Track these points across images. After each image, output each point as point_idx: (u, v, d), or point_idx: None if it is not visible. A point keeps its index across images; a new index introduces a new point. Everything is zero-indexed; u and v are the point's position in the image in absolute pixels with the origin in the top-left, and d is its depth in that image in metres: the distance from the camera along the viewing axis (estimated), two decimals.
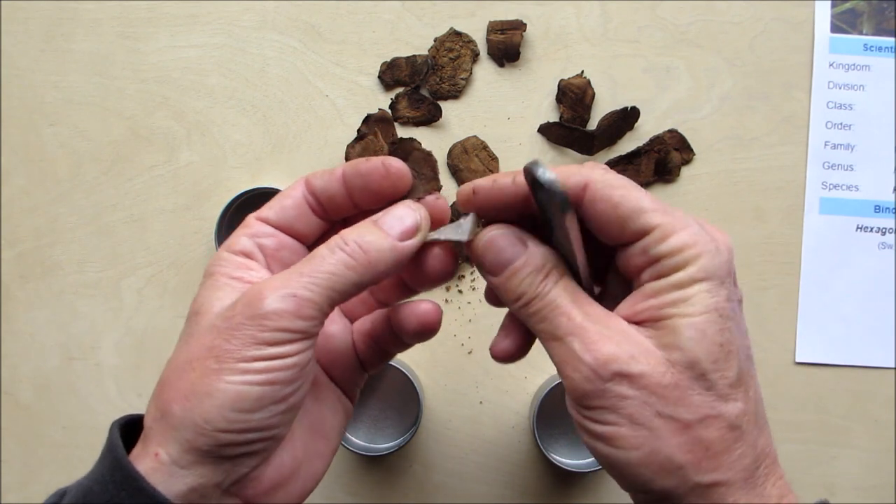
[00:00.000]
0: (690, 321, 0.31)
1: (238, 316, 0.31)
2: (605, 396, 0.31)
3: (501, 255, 0.34)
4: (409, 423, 0.59)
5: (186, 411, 0.30)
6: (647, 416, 0.31)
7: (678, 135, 0.60)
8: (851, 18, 0.61)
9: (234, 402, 0.30)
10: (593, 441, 0.32)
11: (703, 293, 0.31)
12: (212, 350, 0.31)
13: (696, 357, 0.31)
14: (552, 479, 0.61)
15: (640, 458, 0.31)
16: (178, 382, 0.31)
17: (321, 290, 0.31)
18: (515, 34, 0.60)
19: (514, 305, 0.34)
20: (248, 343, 0.30)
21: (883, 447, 0.60)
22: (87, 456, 0.62)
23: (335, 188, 0.35)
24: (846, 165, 0.61)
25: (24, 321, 0.62)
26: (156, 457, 0.30)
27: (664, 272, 0.31)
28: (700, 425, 0.31)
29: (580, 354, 0.31)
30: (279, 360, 0.31)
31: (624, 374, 0.31)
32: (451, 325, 0.61)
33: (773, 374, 0.61)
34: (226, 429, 0.30)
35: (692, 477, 0.30)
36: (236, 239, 0.35)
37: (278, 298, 0.31)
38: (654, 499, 0.32)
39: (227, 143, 0.62)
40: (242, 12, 0.61)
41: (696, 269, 0.31)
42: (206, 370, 0.30)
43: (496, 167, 0.61)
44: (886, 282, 0.61)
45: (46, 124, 0.62)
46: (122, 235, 0.62)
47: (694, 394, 0.31)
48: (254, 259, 0.34)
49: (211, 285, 0.34)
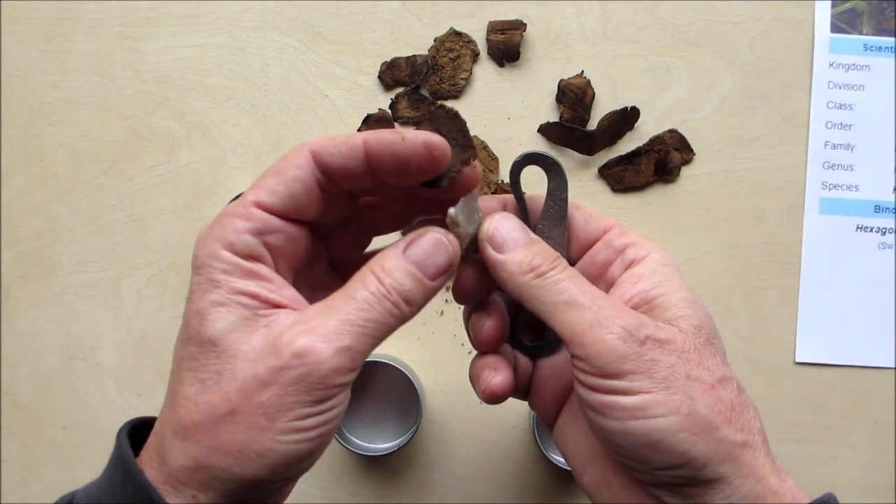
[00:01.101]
0: (681, 295, 0.33)
1: (291, 371, 0.29)
2: (640, 359, 0.30)
3: (513, 233, 0.34)
4: (409, 423, 0.59)
5: (233, 467, 0.29)
6: (680, 379, 0.31)
7: (678, 135, 0.60)
8: (851, 18, 0.61)
9: (287, 460, 0.29)
10: (624, 420, 0.30)
11: (675, 274, 0.35)
12: (260, 406, 0.29)
13: (699, 322, 0.33)
14: (552, 479, 0.61)
15: (681, 423, 0.30)
16: (220, 434, 0.29)
17: (370, 341, 0.31)
18: (515, 34, 0.60)
19: (526, 277, 0.33)
20: (304, 402, 0.29)
21: (883, 447, 0.60)
22: (87, 456, 0.62)
23: (356, 165, 0.31)
24: (846, 165, 0.61)
25: (24, 321, 0.62)
26: (193, 498, 0.29)
27: (632, 259, 0.35)
28: (720, 385, 0.32)
29: (612, 317, 0.31)
30: (329, 413, 0.30)
31: (654, 339, 0.31)
32: (451, 325, 0.61)
33: (773, 374, 0.61)
34: (273, 480, 0.30)
35: (728, 436, 0.30)
36: (239, 236, 0.31)
37: (333, 354, 0.29)
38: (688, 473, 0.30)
39: (227, 143, 0.62)
40: (242, 12, 0.61)
41: (659, 255, 0.35)
42: (255, 426, 0.29)
43: (496, 167, 0.61)
44: (886, 282, 0.61)
45: (46, 124, 0.62)
46: (121, 235, 0.62)
47: (708, 357, 0.32)
48: (262, 261, 0.31)
49: (218, 302, 0.30)
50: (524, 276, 0.33)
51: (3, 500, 0.62)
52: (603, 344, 0.31)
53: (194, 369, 0.30)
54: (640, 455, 0.31)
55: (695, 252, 0.61)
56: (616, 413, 0.31)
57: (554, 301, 0.32)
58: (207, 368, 0.30)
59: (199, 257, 0.31)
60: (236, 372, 0.29)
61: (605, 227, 0.37)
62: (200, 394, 0.30)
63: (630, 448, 0.31)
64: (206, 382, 0.30)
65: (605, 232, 0.36)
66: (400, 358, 0.60)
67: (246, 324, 0.30)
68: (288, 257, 0.33)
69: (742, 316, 0.61)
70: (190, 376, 0.30)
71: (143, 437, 0.32)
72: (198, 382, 0.30)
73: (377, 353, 0.58)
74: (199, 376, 0.30)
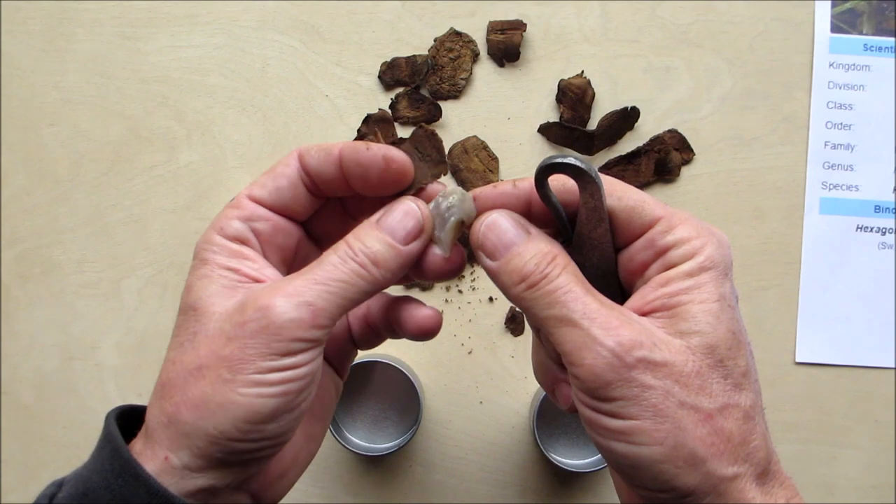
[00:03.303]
0: (705, 307, 0.31)
1: (251, 324, 0.30)
2: (628, 385, 0.29)
3: (504, 237, 0.33)
4: (409, 423, 0.59)
5: (199, 420, 0.30)
6: (672, 407, 0.29)
7: (678, 135, 0.60)
8: (851, 18, 0.61)
9: (249, 415, 0.30)
10: (608, 439, 0.30)
11: (712, 282, 0.31)
12: (224, 359, 0.30)
13: (714, 342, 0.30)
14: (552, 479, 0.61)
15: (664, 454, 0.29)
16: (188, 388, 0.30)
17: (334, 300, 0.31)
18: (515, 34, 0.60)
19: (517, 288, 0.32)
20: (263, 354, 0.30)
21: (883, 447, 0.60)
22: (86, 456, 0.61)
23: (331, 171, 0.34)
24: (846, 165, 0.61)
25: (24, 321, 0.62)
26: (165, 460, 0.30)
27: (673, 262, 0.32)
28: (720, 415, 0.30)
29: (601, 339, 0.29)
30: (293, 371, 0.30)
31: (648, 361, 0.29)
32: (451, 325, 0.61)
33: (773, 374, 0.61)
34: (239, 439, 0.30)
35: (715, 470, 0.29)
36: (228, 221, 0.33)
37: (293, 307, 0.30)
38: (672, 498, 0.30)
39: (227, 143, 0.62)
40: (242, 12, 0.61)
41: (703, 258, 0.31)
42: (219, 379, 0.30)
43: (496, 167, 0.61)
44: (886, 282, 0.61)
45: (46, 124, 0.62)
46: (122, 235, 0.62)
47: (713, 382, 0.30)
48: (248, 245, 0.33)
49: (204, 275, 0.32)
50: (516, 287, 0.32)
51: (3, 500, 0.62)
52: (588, 368, 0.29)
53: (177, 334, 0.32)
54: (625, 472, 0.31)
55: None
56: (601, 431, 0.30)
57: (545, 315, 0.31)
58: (186, 331, 0.32)
59: (197, 244, 0.34)
60: (209, 331, 0.31)
61: (652, 219, 0.32)
62: (178, 355, 0.32)
63: (615, 464, 0.31)
64: (185, 344, 0.32)
65: (651, 226, 0.32)
66: (400, 358, 0.60)
67: (225, 291, 0.32)
68: (277, 247, 0.34)
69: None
70: (173, 342, 0.32)
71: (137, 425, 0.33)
72: (178, 346, 0.32)
73: (377, 353, 0.58)
74: (179, 340, 0.32)
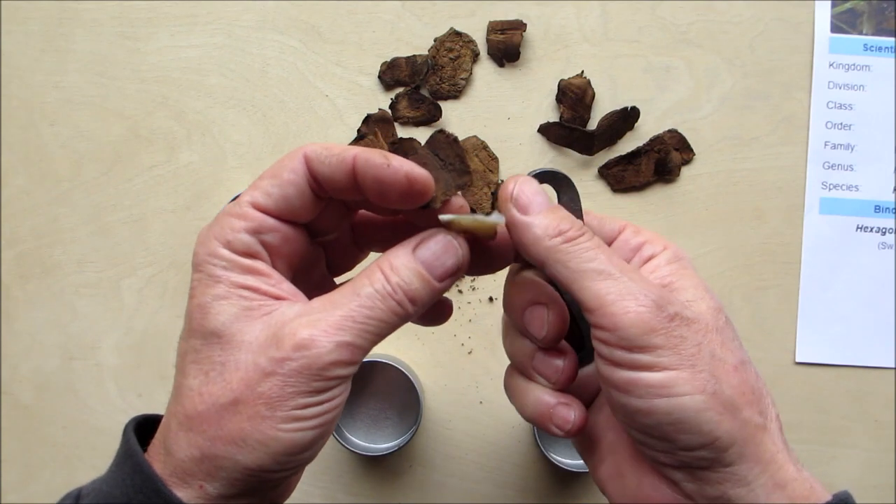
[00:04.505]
0: (695, 282, 0.34)
1: (291, 363, 0.29)
2: (669, 334, 0.30)
3: (537, 197, 0.33)
4: (409, 423, 0.59)
5: (236, 455, 0.30)
6: (706, 357, 0.30)
7: (678, 135, 0.60)
8: (851, 18, 0.61)
9: (288, 448, 0.30)
10: (649, 398, 0.30)
11: (690, 268, 0.35)
12: (261, 395, 0.29)
13: (717, 305, 0.33)
14: (552, 479, 0.61)
15: (707, 402, 0.30)
16: (223, 424, 0.30)
17: (371, 338, 0.31)
18: (515, 34, 0.60)
19: (554, 241, 0.32)
20: (303, 392, 0.30)
21: (883, 447, 0.60)
22: (87, 456, 0.62)
23: (343, 179, 0.32)
24: (846, 165, 0.61)
25: (24, 321, 0.62)
26: (200, 488, 0.30)
27: (650, 256, 0.35)
28: (742, 368, 0.31)
29: (643, 289, 0.30)
30: (329, 403, 0.30)
31: (682, 316, 0.31)
32: (451, 325, 0.61)
33: (773, 374, 0.61)
34: (277, 470, 0.30)
35: (751, 418, 0.30)
36: (236, 235, 0.31)
37: (334, 347, 0.30)
38: (711, 454, 0.30)
39: (227, 143, 0.62)
40: (242, 12, 0.61)
41: (672, 252, 0.35)
42: (257, 416, 0.29)
43: (496, 167, 0.61)
44: (886, 282, 0.61)
45: (46, 124, 0.62)
46: (122, 235, 0.62)
47: (730, 339, 0.32)
48: (260, 258, 0.32)
49: (220, 296, 0.31)
50: (551, 239, 0.32)
51: (3, 500, 0.62)
52: (633, 315, 0.30)
53: (198, 361, 0.31)
54: (664, 434, 0.30)
55: (695, 252, 0.61)
56: (640, 391, 0.30)
57: (582, 268, 0.31)
58: (211, 360, 0.30)
59: (198, 255, 0.32)
60: (239, 362, 0.30)
61: (619, 227, 0.37)
62: (204, 385, 0.30)
63: (653, 427, 0.30)
64: (210, 374, 0.30)
65: (620, 232, 0.37)
66: (400, 358, 0.60)
67: (247, 315, 0.31)
68: (285, 256, 0.33)
69: (742, 316, 0.61)
70: (194, 368, 0.31)
71: (148, 434, 0.32)
72: (202, 374, 0.30)
73: (377, 353, 0.58)
74: (202, 368, 0.30)
